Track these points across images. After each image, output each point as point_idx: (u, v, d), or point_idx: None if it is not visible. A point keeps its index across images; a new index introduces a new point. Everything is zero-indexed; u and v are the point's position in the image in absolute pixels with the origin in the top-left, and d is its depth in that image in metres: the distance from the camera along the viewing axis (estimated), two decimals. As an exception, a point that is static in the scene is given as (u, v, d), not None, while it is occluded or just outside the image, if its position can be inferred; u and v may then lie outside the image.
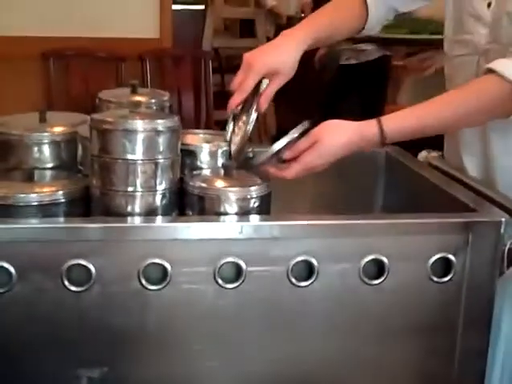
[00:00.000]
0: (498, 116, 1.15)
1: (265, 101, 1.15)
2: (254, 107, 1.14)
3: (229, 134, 1.14)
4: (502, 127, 1.20)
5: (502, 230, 1.02)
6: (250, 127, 1.13)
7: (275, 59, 1.16)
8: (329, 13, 1.31)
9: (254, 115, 1.13)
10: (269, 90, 1.15)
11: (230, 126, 1.15)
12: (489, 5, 1.21)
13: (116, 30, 3.11)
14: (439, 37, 1.75)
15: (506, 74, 1.09)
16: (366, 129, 1.09)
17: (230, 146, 1.13)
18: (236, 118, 1.15)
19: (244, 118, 1.14)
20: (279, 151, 1.06)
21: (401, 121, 1.11)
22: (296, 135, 1.07)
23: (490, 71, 1.11)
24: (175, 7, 3.88)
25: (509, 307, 1.15)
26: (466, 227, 1.01)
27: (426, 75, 1.80)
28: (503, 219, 1.02)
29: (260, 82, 1.14)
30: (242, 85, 1.13)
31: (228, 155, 1.13)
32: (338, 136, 1.08)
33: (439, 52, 1.77)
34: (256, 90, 1.14)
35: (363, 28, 1.34)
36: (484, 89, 1.12)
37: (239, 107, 1.15)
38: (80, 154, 1.10)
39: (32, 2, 3.04)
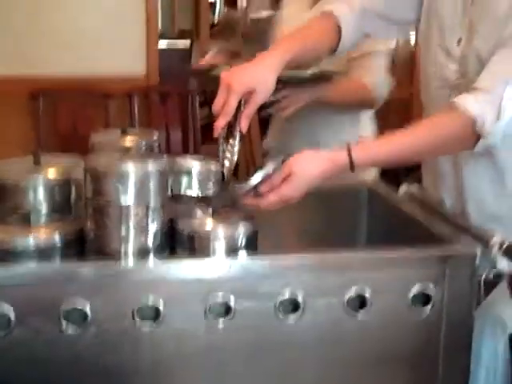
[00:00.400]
0: (463, 148, 1.21)
1: (246, 121, 1.18)
2: (238, 128, 1.17)
3: (220, 157, 1.17)
4: (472, 161, 1.26)
5: (478, 262, 1.07)
6: (237, 148, 1.17)
7: (252, 78, 1.19)
8: (303, 34, 1.35)
9: (238, 136, 1.17)
10: (248, 110, 1.18)
11: (221, 149, 1.18)
12: (459, 41, 1.26)
13: (103, 67, 3.17)
14: (299, 73, 1.67)
15: (467, 108, 1.14)
16: (337, 158, 1.14)
17: (222, 167, 1.16)
18: (223, 141, 1.18)
19: (230, 139, 1.18)
20: (256, 186, 1.11)
21: (369, 151, 1.17)
22: (271, 170, 1.11)
23: (454, 105, 1.16)
24: (162, 42, 3.96)
25: (488, 336, 1.19)
26: (442, 260, 1.07)
27: (284, 115, 1.78)
28: (478, 251, 1.07)
29: (240, 101, 1.17)
30: (224, 107, 1.16)
31: (221, 176, 1.15)
32: (311, 167, 1.13)
33: (301, 90, 1.76)
34: (237, 110, 1.17)
35: (335, 50, 1.39)
36: (447, 122, 1.18)
37: (225, 130, 1.17)
38: (74, 197, 1.15)
39: (18, 41, 3.09)
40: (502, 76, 1.15)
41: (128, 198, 1.02)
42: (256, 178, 1.10)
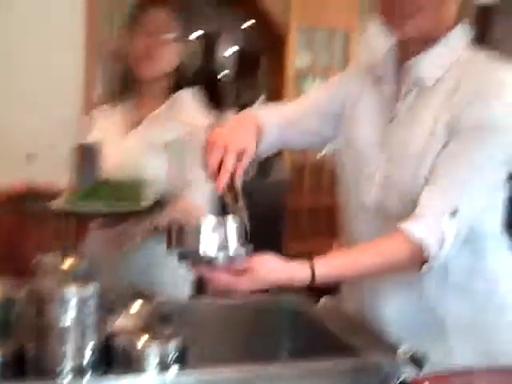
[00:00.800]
0: (409, 270, 1.30)
1: (239, 179, 1.27)
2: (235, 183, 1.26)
3: (232, 211, 1.24)
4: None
5: (386, 370, 1.20)
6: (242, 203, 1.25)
7: (242, 140, 1.30)
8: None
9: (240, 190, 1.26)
10: (240, 169, 1.28)
11: (230, 204, 1.25)
12: (377, 168, 1.37)
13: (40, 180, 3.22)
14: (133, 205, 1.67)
15: (414, 235, 1.24)
16: (298, 273, 1.21)
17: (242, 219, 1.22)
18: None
19: (231, 194, 1.26)
20: (213, 259, 1.18)
21: (331, 269, 1.25)
22: (233, 254, 1.19)
23: (401, 232, 1.25)
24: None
25: None
26: (353, 370, 1.19)
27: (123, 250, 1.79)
28: (386, 360, 1.20)
29: None
30: (223, 166, 1.25)
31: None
32: (270, 272, 1.21)
33: (140, 223, 1.77)
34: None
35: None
36: (396, 248, 1.27)
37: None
38: (15, 317, 1.22)
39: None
40: (439, 207, 1.26)
41: (68, 320, 1.11)
42: (213, 250, 1.18)
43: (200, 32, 5.32)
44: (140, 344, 1.16)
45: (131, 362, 1.15)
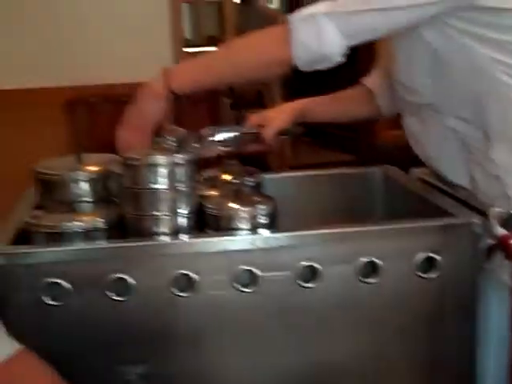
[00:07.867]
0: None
1: None
2: None
3: None
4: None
5: (477, 230, 1.18)
6: None
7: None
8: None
9: None
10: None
11: None
12: None
13: (132, 73, 3.31)
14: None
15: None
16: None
17: None
18: None
19: None
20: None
21: (188, 77, 1.29)
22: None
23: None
24: (190, 50, 4.09)
25: (494, 298, 1.28)
26: (444, 229, 1.18)
27: None
28: (476, 221, 1.18)
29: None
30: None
31: None
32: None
33: None
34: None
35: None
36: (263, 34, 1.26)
37: None
38: (114, 187, 1.28)
39: (52, 52, 3.27)
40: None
41: (159, 185, 1.16)
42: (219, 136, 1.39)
43: None
44: (231, 208, 1.20)
45: (223, 225, 1.19)
